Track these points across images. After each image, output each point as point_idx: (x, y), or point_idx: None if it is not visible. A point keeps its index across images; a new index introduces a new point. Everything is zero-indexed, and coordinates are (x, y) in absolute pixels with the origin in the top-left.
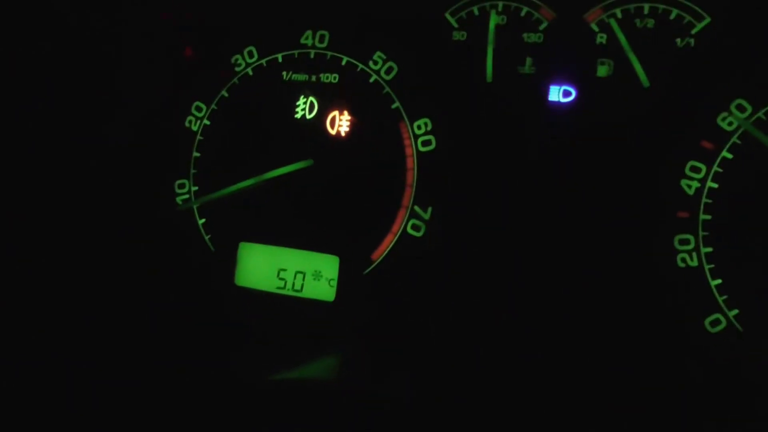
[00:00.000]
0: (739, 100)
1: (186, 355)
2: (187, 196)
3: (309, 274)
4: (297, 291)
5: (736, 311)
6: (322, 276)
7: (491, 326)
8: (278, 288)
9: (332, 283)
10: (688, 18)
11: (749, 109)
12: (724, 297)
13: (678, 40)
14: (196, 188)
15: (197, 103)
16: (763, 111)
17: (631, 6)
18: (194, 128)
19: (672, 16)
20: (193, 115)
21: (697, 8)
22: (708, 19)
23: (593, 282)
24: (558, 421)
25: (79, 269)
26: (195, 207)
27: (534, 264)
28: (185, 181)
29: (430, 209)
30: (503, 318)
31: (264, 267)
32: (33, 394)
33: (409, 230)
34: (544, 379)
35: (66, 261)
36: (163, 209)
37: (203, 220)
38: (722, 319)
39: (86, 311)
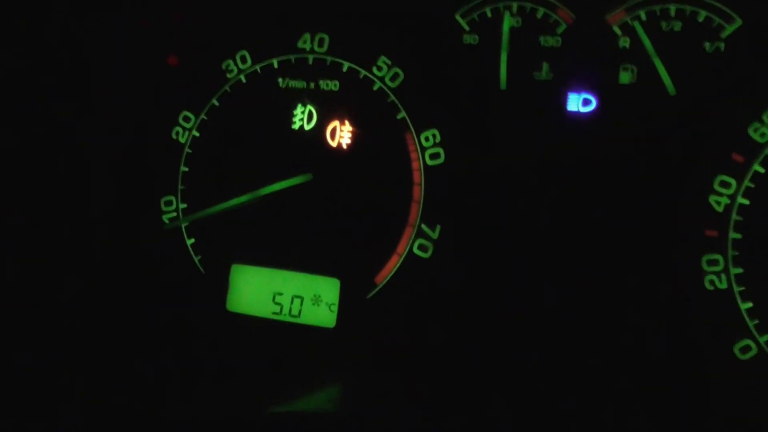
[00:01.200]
0: None
1: (175, 387)
2: (174, 214)
3: (307, 298)
4: (294, 317)
5: (767, 337)
6: (321, 300)
7: (505, 356)
8: (274, 314)
9: (333, 308)
10: (717, 20)
11: None
12: (755, 321)
13: (707, 44)
14: (185, 206)
15: (185, 113)
16: None
17: (657, 7)
18: (182, 140)
19: (700, 19)
20: (181, 126)
21: (727, 10)
22: (739, 22)
23: (616, 306)
24: None
25: (59, 293)
26: (183, 226)
27: (553, 288)
28: (172, 197)
29: (438, 228)
30: (519, 348)
31: (258, 291)
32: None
33: (416, 251)
34: (562, 412)
35: (46, 285)
36: (148, 228)
37: (192, 240)
38: (753, 345)
39: (68, 339)
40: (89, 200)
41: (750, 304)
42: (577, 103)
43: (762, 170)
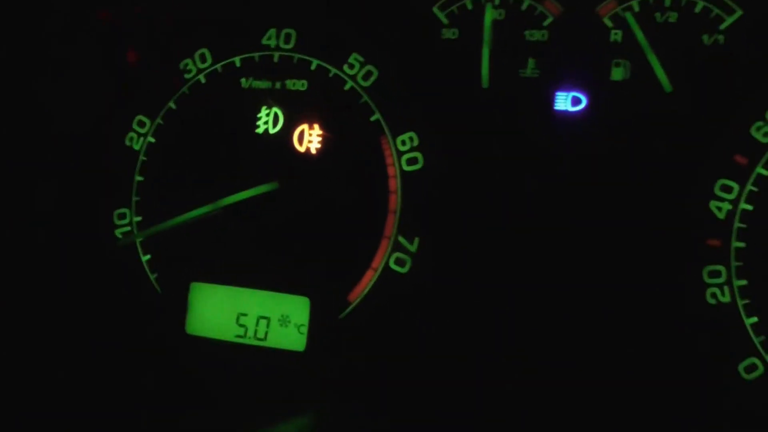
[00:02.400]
0: None
1: (131, 417)
2: (128, 228)
3: (274, 319)
4: (260, 340)
5: None
6: (290, 321)
7: (490, 380)
8: (238, 337)
9: (302, 329)
10: (716, 11)
11: None
12: (761, 338)
13: (705, 36)
14: (139, 219)
15: (140, 117)
16: None
17: None
18: (136, 147)
19: (697, 9)
20: (135, 132)
21: (716, 6)
22: (739, 12)
23: (610, 323)
24: None
25: (6, 314)
26: (138, 241)
27: (542, 304)
28: (126, 210)
29: (416, 240)
30: (505, 371)
31: (220, 312)
32: None
33: (393, 265)
34: None
35: None
36: (100, 244)
37: (148, 257)
38: (759, 364)
39: (15, 365)
40: (35, 214)
41: (755, 319)
42: (565, 101)
43: (766, 173)
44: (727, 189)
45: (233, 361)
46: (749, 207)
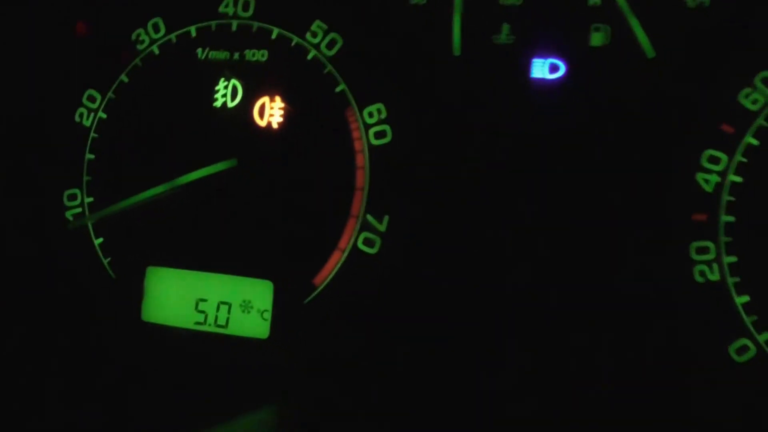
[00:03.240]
0: (766, 73)
1: (85, 409)
2: (79, 209)
3: (236, 305)
4: (221, 327)
5: (767, 335)
6: (252, 307)
7: (465, 365)
8: (197, 324)
9: (265, 315)
10: None
11: None
12: (753, 318)
13: None
14: (91, 200)
15: (90, 91)
16: None
17: None
18: (86, 123)
19: None
20: (85, 107)
21: None
22: None
23: (592, 305)
24: None
25: None
26: (90, 223)
27: (518, 285)
28: (76, 190)
29: (386, 219)
30: (481, 356)
31: (178, 297)
32: None
33: (361, 246)
34: (532, 419)
35: None
36: (49, 227)
37: (101, 240)
38: (751, 345)
39: None
40: None
41: (747, 298)
42: (542, 69)
43: (756, 142)
44: (715, 160)
45: (192, 350)
46: (738, 179)
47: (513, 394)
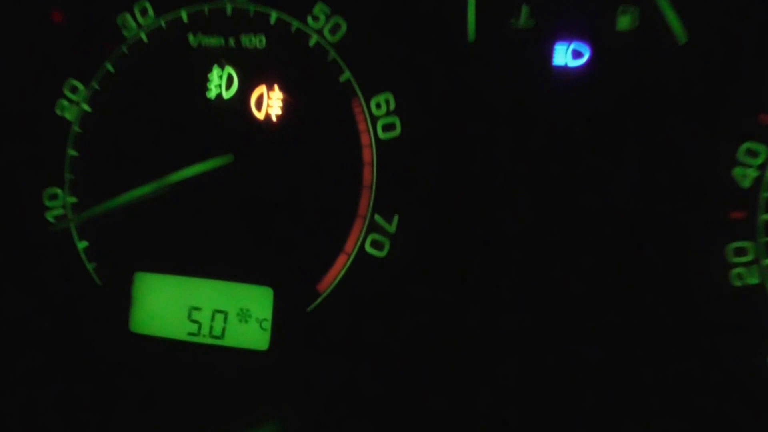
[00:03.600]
0: None
1: (71, 426)
2: (61, 210)
3: (233, 313)
4: (216, 338)
5: None
6: (250, 316)
7: (477, 375)
8: (190, 335)
9: (265, 325)
10: None
11: None
12: None
13: None
14: (74, 200)
15: (72, 81)
16: None
17: None
18: (69, 117)
19: None
20: (67, 99)
21: None
22: None
23: (620, 309)
24: None
25: None
26: (73, 226)
27: (539, 290)
28: (58, 190)
29: (395, 219)
30: (493, 366)
31: (170, 306)
32: None
33: (368, 249)
34: None
35: None
36: (29, 230)
37: (85, 244)
38: None
39: None
40: None
41: None
42: (565, 55)
43: None
44: (753, 153)
45: (185, 363)
46: None
47: (528, 402)
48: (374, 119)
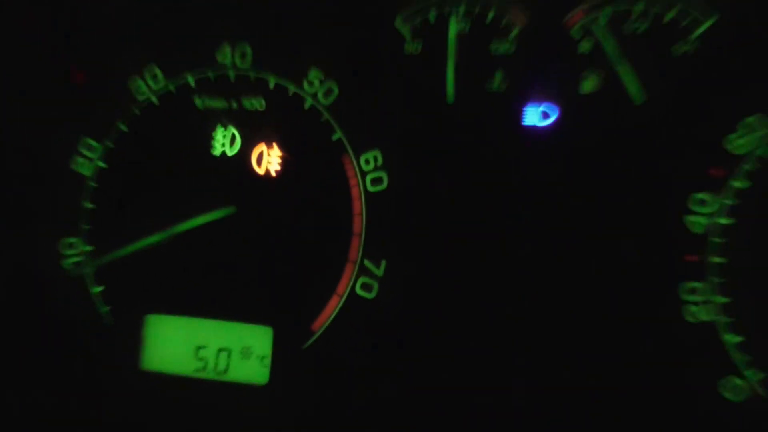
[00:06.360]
0: (752, 118)
1: None
2: (78, 258)
3: (236, 351)
4: (221, 373)
5: (761, 375)
6: (252, 353)
7: (465, 411)
8: (197, 371)
9: (265, 361)
10: (691, 15)
11: (765, 127)
12: (747, 358)
13: (676, 45)
14: (90, 248)
15: (88, 140)
16: None
17: (619, 7)
18: (85, 172)
19: (666, 20)
20: (83, 156)
21: (697, 8)
22: (711, 21)
23: (586, 346)
24: None
25: None
26: (89, 272)
27: (516, 328)
28: (75, 239)
29: (383, 264)
30: (480, 404)
31: (178, 345)
32: None
33: (359, 291)
34: None
35: None
36: (48, 275)
37: (100, 288)
38: (743, 385)
39: None
40: None
41: (739, 338)
42: (535, 116)
43: (743, 185)
44: (703, 203)
45: (192, 398)
46: (727, 221)
47: None
48: (363, 174)
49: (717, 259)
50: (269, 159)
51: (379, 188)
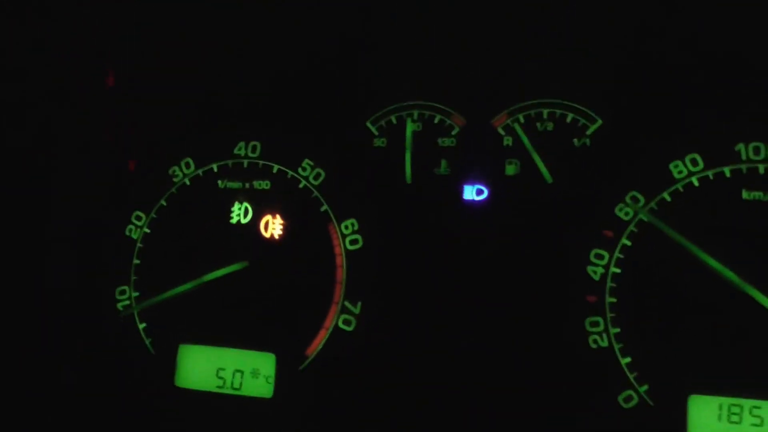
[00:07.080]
0: (633, 192)
1: None
2: (128, 302)
3: (247, 372)
4: (236, 389)
5: (646, 386)
6: (259, 373)
7: (424, 414)
8: (218, 387)
9: (270, 380)
10: (583, 120)
11: (642, 200)
12: (635, 374)
13: (575, 140)
14: (137, 294)
15: (137, 212)
16: (655, 201)
17: (532, 111)
18: (134, 236)
19: (568, 120)
20: (133, 224)
21: (589, 112)
22: (599, 122)
23: (516, 365)
24: None
25: (18, 376)
26: (136, 312)
27: (455, 351)
28: (126, 287)
29: (359, 304)
30: (429, 404)
31: (203, 367)
32: None
33: (341, 325)
34: None
35: (7, 369)
36: (104, 315)
37: (144, 325)
38: (634, 395)
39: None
40: (50, 292)
41: (629, 359)
42: (471, 193)
43: (629, 243)
44: (600, 256)
45: (214, 408)
46: (617, 270)
47: None
48: (344, 236)
49: (611, 299)
50: (273, 226)
51: (356, 247)
